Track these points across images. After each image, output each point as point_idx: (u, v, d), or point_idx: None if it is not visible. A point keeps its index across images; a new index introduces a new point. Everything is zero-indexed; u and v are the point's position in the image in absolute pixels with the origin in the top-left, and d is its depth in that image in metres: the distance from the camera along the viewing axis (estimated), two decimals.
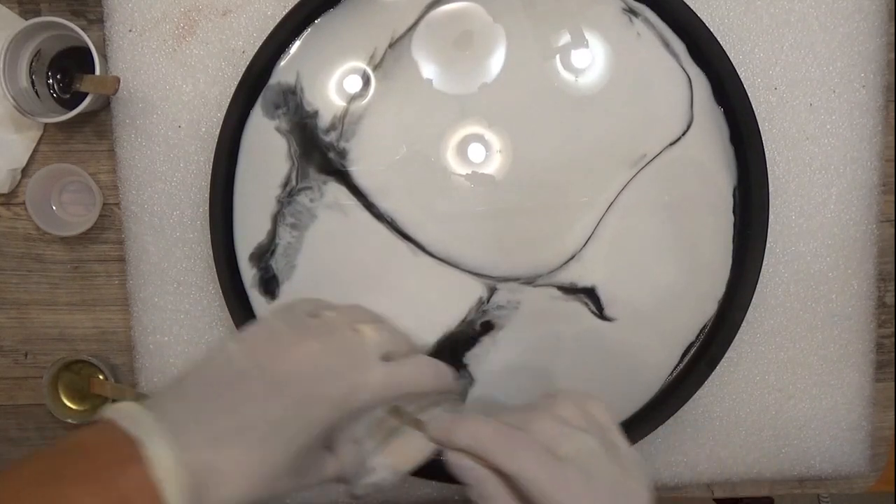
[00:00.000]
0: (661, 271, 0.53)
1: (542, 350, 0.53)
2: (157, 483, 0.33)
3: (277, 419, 0.36)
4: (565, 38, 0.52)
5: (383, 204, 0.52)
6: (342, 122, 0.52)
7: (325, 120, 0.52)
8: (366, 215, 0.52)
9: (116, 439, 0.33)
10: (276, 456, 0.36)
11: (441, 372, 0.42)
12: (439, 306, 0.53)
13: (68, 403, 0.57)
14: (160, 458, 0.33)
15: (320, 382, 0.37)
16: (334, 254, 0.53)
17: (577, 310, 0.53)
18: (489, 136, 0.52)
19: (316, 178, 0.52)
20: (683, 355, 0.54)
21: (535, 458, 0.37)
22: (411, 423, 0.41)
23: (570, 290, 0.53)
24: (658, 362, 0.54)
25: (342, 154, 0.52)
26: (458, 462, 0.38)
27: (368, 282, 0.53)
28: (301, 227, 0.52)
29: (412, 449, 0.44)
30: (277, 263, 0.53)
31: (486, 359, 0.53)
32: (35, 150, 0.56)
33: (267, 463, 0.36)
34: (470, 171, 0.52)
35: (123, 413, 0.34)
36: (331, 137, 0.52)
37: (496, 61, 0.52)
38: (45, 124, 0.56)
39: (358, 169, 0.52)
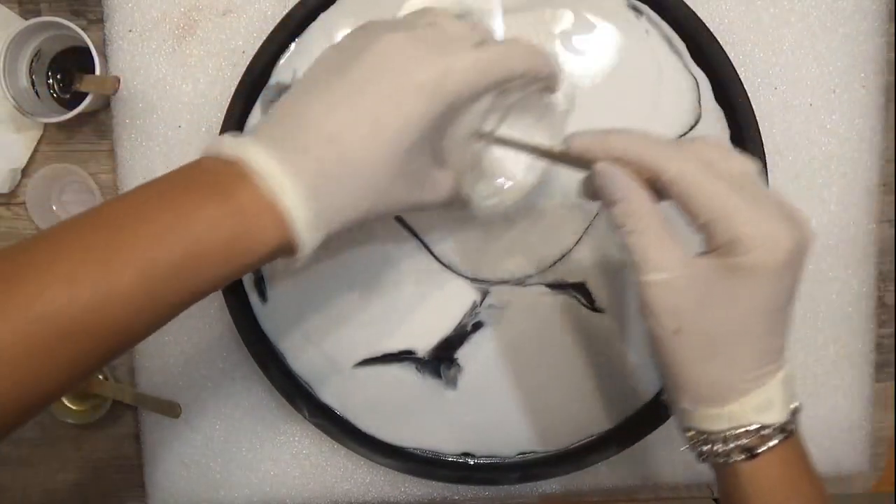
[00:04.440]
0: None
1: (534, 343, 0.53)
2: (271, 192, 0.33)
3: (373, 117, 0.34)
4: (566, 28, 0.52)
5: None
6: None
7: None
8: None
9: (222, 161, 0.33)
10: (382, 154, 0.35)
11: (533, 52, 0.39)
12: (437, 312, 0.52)
13: (68, 403, 0.57)
14: (268, 171, 0.33)
15: (408, 71, 0.35)
16: (326, 250, 0.52)
17: (567, 302, 0.53)
18: None
19: None
20: None
21: (696, 163, 0.35)
22: (548, 153, 0.39)
23: (559, 286, 0.53)
24: None
25: None
26: (608, 170, 0.36)
27: (363, 280, 0.53)
28: None
29: (522, 166, 0.43)
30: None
31: (476, 355, 0.53)
32: (35, 150, 0.56)
33: (374, 162, 0.34)
34: None
35: (223, 143, 0.34)
36: None
37: None
38: (45, 124, 0.56)
39: None
